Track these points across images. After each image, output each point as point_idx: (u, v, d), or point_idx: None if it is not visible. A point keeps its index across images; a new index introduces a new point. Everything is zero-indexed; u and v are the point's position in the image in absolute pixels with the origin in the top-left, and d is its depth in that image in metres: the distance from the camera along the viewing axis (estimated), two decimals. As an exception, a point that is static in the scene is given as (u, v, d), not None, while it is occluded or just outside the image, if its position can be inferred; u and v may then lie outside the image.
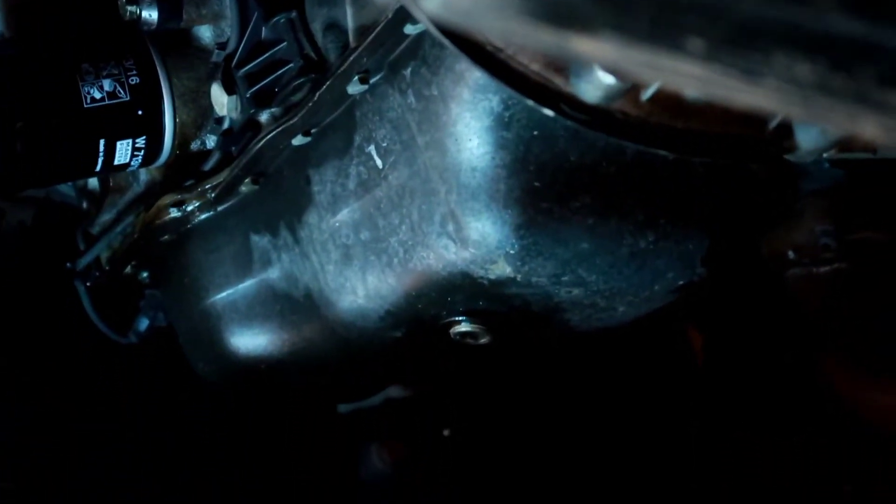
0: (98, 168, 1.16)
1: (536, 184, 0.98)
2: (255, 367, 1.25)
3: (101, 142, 1.14)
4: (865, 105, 0.51)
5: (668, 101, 0.85)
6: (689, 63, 0.48)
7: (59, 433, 1.48)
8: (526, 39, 0.45)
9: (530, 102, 0.84)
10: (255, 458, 1.62)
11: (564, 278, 1.05)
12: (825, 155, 0.90)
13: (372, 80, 1.04)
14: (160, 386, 1.54)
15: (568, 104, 0.85)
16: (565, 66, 0.82)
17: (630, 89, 0.80)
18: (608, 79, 0.77)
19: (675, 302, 1.13)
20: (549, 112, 0.84)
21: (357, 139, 1.07)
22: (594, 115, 0.85)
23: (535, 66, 0.84)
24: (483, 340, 1.13)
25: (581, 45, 0.46)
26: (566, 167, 0.97)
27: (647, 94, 0.81)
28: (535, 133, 0.95)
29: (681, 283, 1.09)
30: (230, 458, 1.59)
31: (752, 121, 0.87)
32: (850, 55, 0.48)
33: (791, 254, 1.24)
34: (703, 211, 1.05)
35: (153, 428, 1.35)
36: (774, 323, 1.37)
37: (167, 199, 1.22)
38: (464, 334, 1.13)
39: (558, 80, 0.85)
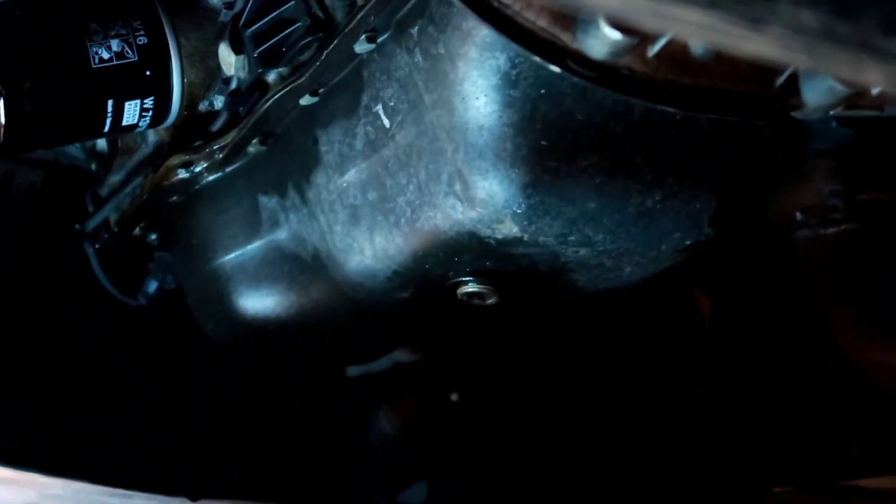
0: (106, 129, 1.16)
1: (543, 143, 0.98)
2: (263, 327, 1.25)
3: (110, 102, 1.14)
4: (869, 53, 0.51)
5: (674, 58, 0.85)
6: (694, 10, 0.48)
7: (68, 390, 1.48)
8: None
9: (537, 59, 0.84)
10: (263, 422, 1.62)
11: (571, 238, 1.05)
12: (831, 113, 0.90)
13: (379, 39, 1.04)
14: (169, 348, 1.54)
15: (575, 61, 0.85)
16: (572, 22, 0.82)
17: (637, 45, 0.80)
18: (615, 34, 0.77)
19: (682, 262, 1.13)
20: (555, 69, 0.84)
21: (364, 99, 1.07)
22: (601, 72, 0.85)
23: (542, 23, 0.84)
24: (490, 301, 1.13)
25: (585, -9, 0.47)
26: (573, 126, 0.97)
27: (653, 51, 0.81)
28: (543, 91, 0.95)
29: (688, 242, 1.09)
30: (238, 419, 1.59)
31: (758, 78, 0.87)
32: (853, 1, 0.48)
33: (798, 215, 1.24)
34: (710, 170, 1.05)
35: (162, 389, 1.35)
36: (781, 285, 1.37)
37: (175, 159, 1.22)
38: (471, 295, 1.13)
39: (565, 37, 0.85)
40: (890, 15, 0.49)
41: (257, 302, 1.24)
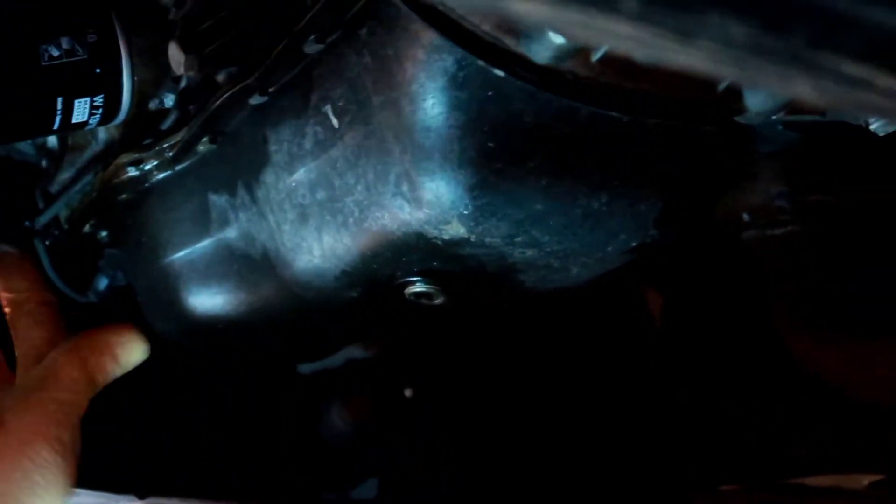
0: (56, 126, 1.16)
1: (490, 144, 0.98)
2: (212, 326, 1.25)
3: (59, 100, 1.14)
4: (798, 66, 0.51)
5: (618, 63, 0.86)
6: (623, 23, 0.49)
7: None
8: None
9: (481, 63, 0.84)
10: (212, 419, 1.62)
11: (518, 239, 1.05)
12: (774, 117, 0.91)
13: (328, 40, 1.04)
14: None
15: (519, 64, 0.86)
16: (516, 26, 0.83)
17: (580, 50, 0.81)
18: (558, 39, 0.78)
19: (630, 263, 1.14)
20: (499, 72, 0.84)
21: (314, 98, 1.08)
22: (545, 76, 0.86)
23: (486, 27, 0.84)
24: (438, 301, 1.14)
25: (515, 4, 0.47)
26: (521, 128, 0.98)
27: (596, 56, 0.82)
28: (490, 94, 0.96)
29: (634, 244, 1.10)
30: (187, 416, 1.59)
31: (701, 83, 0.87)
32: (781, 15, 0.49)
33: (746, 216, 1.25)
34: (656, 172, 1.06)
35: (111, 386, 1.35)
36: (731, 285, 1.39)
37: (125, 157, 1.22)
38: (418, 294, 1.13)
39: (509, 41, 0.85)
40: (818, 29, 0.49)
41: (206, 300, 1.24)
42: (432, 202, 1.01)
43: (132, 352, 1.29)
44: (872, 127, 0.89)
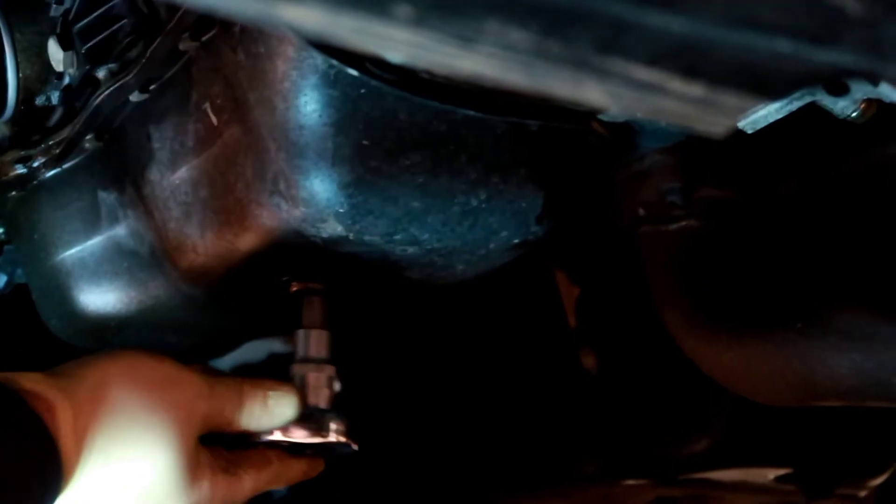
0: (-59, 123, 1.15)
1: (365, 142, 0.98)
2: (105, 324, 1.24)
3: (-56, 97, 1.13)
4: (587, 71, 0.51)
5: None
6: (401, 29, 0.48)
7: None
8: (232, 7, 0.45)
9: (334, 62, 0.84)
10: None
11: (397, 237, 1.05)
12: (639, 114, 0.91)
13: (204, 38, 1.03)
14: (18, 343, 1.53)
15: (374, 63, 0.85)
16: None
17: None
18: (407, 39, 0.77)
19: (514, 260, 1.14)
20: (352, 72, 0.84)
21: (194, 96, 1.07)
22: (400, 75, 0.85)
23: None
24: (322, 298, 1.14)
25: (288, 11, 0.46)
26: (395, 125, 0.98)
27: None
28: (363, 91, 0.95)
29: (516, 241, 1.10)
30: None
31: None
32: (560, 22, 0.48)
33: (641, 211, 1.25)
34: (536, 169, 1.06)
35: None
36: (630, 280, 1.39)
37: (11, 155, 1.21)
38: (302, 292, 1.13)
39: (365, 40, 0.85)
40: (601, 35, 0.49)
41: (98, 298, 1.23)
42: (307, 200, 1.00)
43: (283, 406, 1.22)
44: (740, 125, 0.89)
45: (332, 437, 1.15)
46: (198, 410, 1.10)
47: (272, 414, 1.15)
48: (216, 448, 1.14)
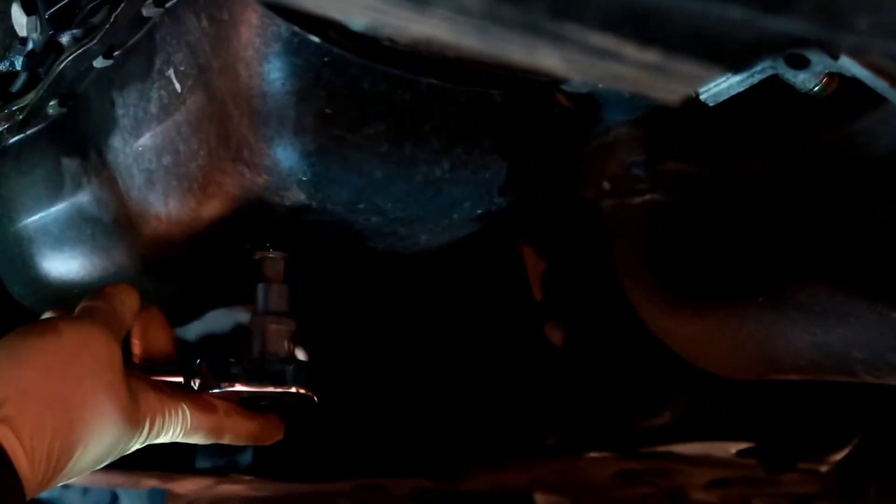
0: None
1: (328, 111, 0.98)
2: (68, 291, 1.24)
3: None
4: (541, 36, 0.51)
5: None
6: (355, -10, 0.48)
7: None
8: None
9: (297, 29, 0.83)
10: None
11: (360, 206, 1.05)
12: (599, 85, 0.91)
13: (168, 4, 1.03)
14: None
15: (336, 31, 0.85)
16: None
17: (396, 17, 0.80)
18: (370, 6, 0.77)
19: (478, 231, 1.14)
20: (314, 39, 0.84)
21: (157, 63, 1.07)
22: (361, 43, 0.85)
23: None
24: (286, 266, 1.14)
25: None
26: (359, 94, 0.98)
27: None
28: (326, 59, 0.95)
29: (479, 211, 1.10)
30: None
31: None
32: (514, -15, 0.48)
33: (606, 184, 1.25)
34: (500, 140, 1.06)
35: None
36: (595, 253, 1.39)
37: (-26, 120, 1.20)
38: (265, 260, 1.13)
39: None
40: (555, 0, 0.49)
41: (61, 265, 1.23)
42: (270, 168, 1.00)
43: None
44: (703, 97, 0.89)
45: (291, 388, 1.13)
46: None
47: (187, 438, 1.11)
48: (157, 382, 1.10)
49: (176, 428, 1.09)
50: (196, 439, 1.12)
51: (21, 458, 0.94)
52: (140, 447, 1.07)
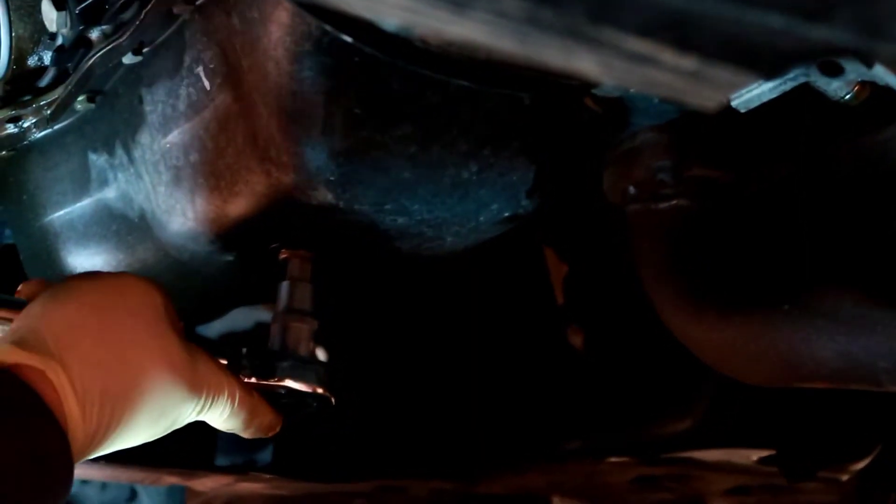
0: (-67, 82, 1.14)
1: (357, 111, 0.97)
2: (92, 286, 1.24)
3: (-64, 55, 1.12)
4: (579, 40, 0.51)
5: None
6: (394, -9, 0.48)
7: None
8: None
9: (328, 28, 0.83)
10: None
11: (387, 206, 1.05)
12: (632, 90, 0.91)
13: (198, 1, 1.03)
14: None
15: (368, 31, 0.85)
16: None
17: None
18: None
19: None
20: (346, 38, 0.84)
21: (187, 60, 1.07)
22: (393, 44, 0.85)
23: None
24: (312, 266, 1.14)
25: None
26: (389, 95, 0.97)
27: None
28: (357, 59, 0.95)
29: (506, 214, 1.10)
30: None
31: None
32: (554, -11, 0.48)
33: (632, 189, 1.24)
34: (528, 143, 1.06)
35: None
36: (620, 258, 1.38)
37: (2, 114, 1.20)
38: (291, 259, 1.13)
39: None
40: (594, 4, 0.49)
41: (85, 260, 1.23)
42: (298, 167, 1.00)
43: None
44: (734, 104, 0.89)
45: (311, 388, 1.11)
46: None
47: (225, 421, 1.05)
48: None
49: (224, 407, 1.02)
50: (230, 424, 1.05)
51: (70, 400, 0.87)
52: (193, 420, 1.01)
